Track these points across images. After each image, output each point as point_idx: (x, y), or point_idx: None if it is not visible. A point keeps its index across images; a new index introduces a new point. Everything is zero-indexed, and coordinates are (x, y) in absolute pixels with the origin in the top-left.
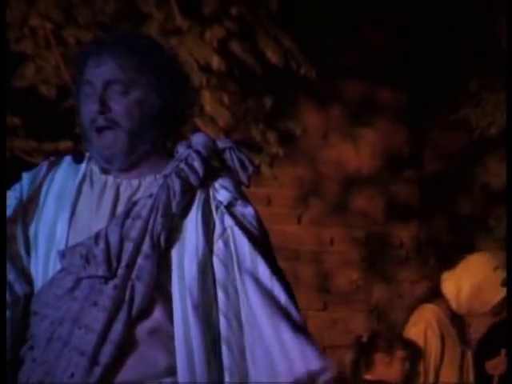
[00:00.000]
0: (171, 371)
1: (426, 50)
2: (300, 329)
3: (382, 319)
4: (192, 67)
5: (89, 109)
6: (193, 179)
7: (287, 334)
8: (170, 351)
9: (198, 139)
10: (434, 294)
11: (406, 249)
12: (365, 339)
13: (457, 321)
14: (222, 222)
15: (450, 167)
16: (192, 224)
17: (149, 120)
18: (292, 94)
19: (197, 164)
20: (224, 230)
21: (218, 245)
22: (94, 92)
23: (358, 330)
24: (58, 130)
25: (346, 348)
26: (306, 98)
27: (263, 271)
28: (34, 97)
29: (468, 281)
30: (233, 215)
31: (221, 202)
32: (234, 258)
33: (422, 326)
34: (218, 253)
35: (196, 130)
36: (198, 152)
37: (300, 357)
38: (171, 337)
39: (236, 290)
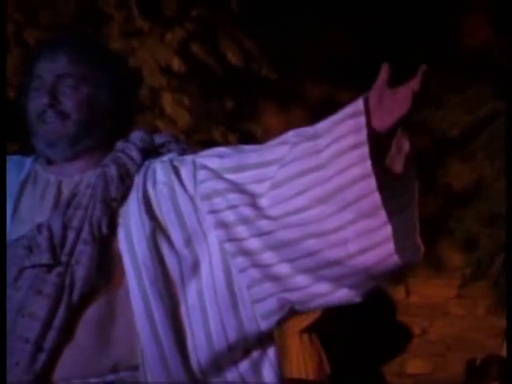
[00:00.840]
0: (114, 367)
1: (388, 51)
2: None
3: None
4: (153, 69)
5: (37, 102)
6: (130, 165)
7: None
8: (115, 343)
9: (135, 134)
10: None
11: None
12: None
13: None
14: (161, 198)
15: None
16: (135, 209)
17: (98, 117)
18: (253, 95)
19: (134, 153)
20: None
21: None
22: (44, 86)
23: None
24: (19, 131)
25: None
26: (267, 100)
27: None
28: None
29: None
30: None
31: (158, 182)
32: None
33: None
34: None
35: (156, 131)
36: (135, 144)
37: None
38: (115, 327)
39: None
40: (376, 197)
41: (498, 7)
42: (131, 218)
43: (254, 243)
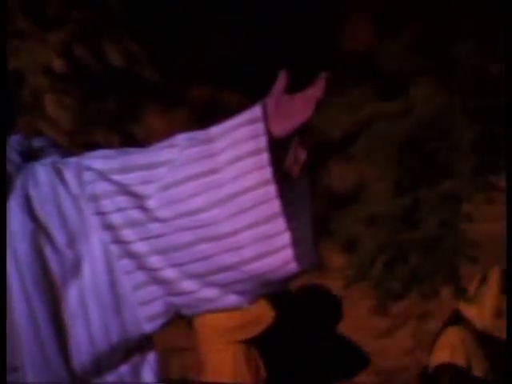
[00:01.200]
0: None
1: (270, 53)
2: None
3: None
4: (35, 70)
5: None
6: (11, 168)
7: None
8: None
9: (13, 138)
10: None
11: None
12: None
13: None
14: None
15: None
16: (15, 207)
17: None
18: (136, 97)
19: (14, 156)
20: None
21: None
22: None
23: None
24: None
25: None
26: (149, 101)
27: None
28: None
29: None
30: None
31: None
32: None
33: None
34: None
35: (39, 133)
36: (13, 147)
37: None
38: None
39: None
40: (275, 203)
41: (381, 9)
42: (12, 219)
43: (141, 246)
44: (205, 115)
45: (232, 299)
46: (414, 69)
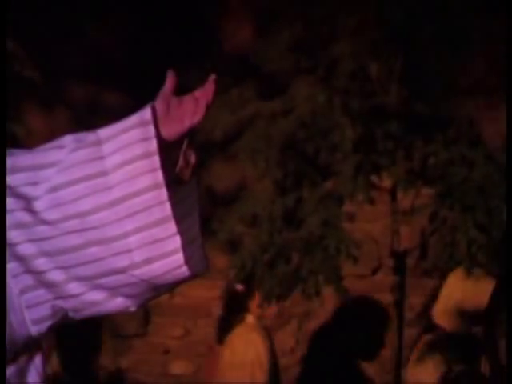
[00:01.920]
0: None
1: (151, 53)
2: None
3: (105, 322)
4: None
5: None
6: None
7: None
8: None
9: None
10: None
11: None
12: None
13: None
14: None
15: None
16: None
17: None
18: (16, 96)
19: None
20: None
21: None
22: None
23: None
24: None
25: None
26: (30, 101)
27: None
28: None
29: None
30: None
31: None
32: None
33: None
34: None
35: None
36: None
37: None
38: None
39: None
40: (166, 207)
41: (262, 9)
42: None
43: (28, 248)
44: (86, 115)
45: (119, 302)
46: (294, 68)
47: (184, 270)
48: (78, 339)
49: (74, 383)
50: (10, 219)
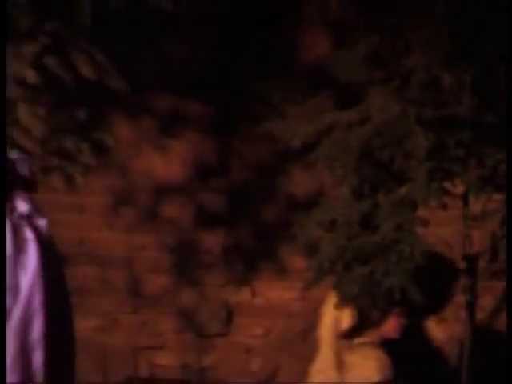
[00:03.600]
0: None
1: (233, 65)
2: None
3: (190, 322)
4: (8, 81)
5: None
6: None
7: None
8: None
9: None
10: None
11: (213, 254)
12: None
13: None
14: (24, 234)
15: (255, 177)
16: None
17: None
18: (104, 106)
19: None
20: (25, 242)
21: (22, 257)
22: None
23: (166, 332)
24: None
25: (154, 349)
26: (117, 111)
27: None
28: None
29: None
30: (32, 227)
31: (22, 214)
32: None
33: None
34: (22, 264)
35: (12, 141)
36: None
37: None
38: None
39: None
40: None
41: (338, 22)
42: None
43: None
44: (169, 124)
45: None
46: (369, 79)
47: None
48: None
49: None
50: None
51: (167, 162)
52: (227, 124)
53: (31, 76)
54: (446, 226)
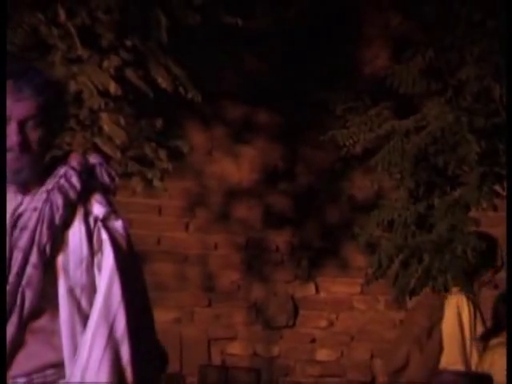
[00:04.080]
0: (55, 364)
1: (299, 77)
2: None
3: (260, 315)
4: (92, 92)
5: (10, 136)
6: (72, 194)
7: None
8: (54, 347)
9: (71, 156)
10: None
11: (281, 252)
12: None
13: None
14: (100, 235)
15: (320, 181)
16: (76, 237)
17: (45, 149)
18: (180, 115)
19: (74, 179)
20: (101, 243)
21: (98, 257)
22: (13, 125)
23: (237, 324)
24: None
25: (227, 340)
26: (192, 119)
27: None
28: None
29: None
30: (107, 229)
31: (97, 216)
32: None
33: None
34: (98, 264)
35: (96, 148)
36: (73, 168)
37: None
38: (55, 334)
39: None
40: None
41: (396, 38)
42: (71, 247)
43: None
44: (239, 131)
45: None
46: (426, 90)
47: None
48: None
49: None
50: None
51: (238, 167)
52: (294, 132)
53: (113, 88)
54: (496, 227)
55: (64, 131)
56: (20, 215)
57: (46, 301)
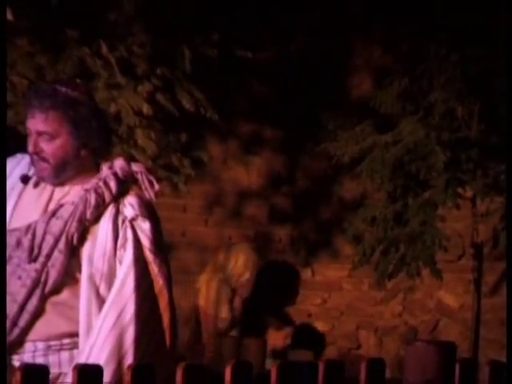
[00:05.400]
0: (70, 334)
1: (298, 99)
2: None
3: None
4: (128, 112)
5: (29, 145)
6: (107, 195)
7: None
8: (71, 319)
9: (117, 162)
10: None
11: (283, 243)
12: None
13: None
14: (125, 234)
15: (315, 185)
16: (103, 232)
17: (70, 158)
18: (201, 131)
19: (112, 183)
20: (125, 240)
21: (121, 252)
22: (31, 136)
23: None
24: None
25: None
26: (211, 134)
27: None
28: (13, 134)
29: None
30: (133, 229)
31: (126, 217)
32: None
33: None
34: (119, 258)
35: (131, 158)
36: (115, 174)
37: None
38: (74, 309)
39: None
40: None
41: (378, 67)
42: (97, 240)
43: None
44: (249, 144)
45: None
46: (401, 111)
47: None
48: None
49: None
50: None
51: (248, 174)
52: (294, 144)
53: (146, 109)
54: (459, 222)
55: (104, 143)
56: (61, 205)
57: (70, 280)
